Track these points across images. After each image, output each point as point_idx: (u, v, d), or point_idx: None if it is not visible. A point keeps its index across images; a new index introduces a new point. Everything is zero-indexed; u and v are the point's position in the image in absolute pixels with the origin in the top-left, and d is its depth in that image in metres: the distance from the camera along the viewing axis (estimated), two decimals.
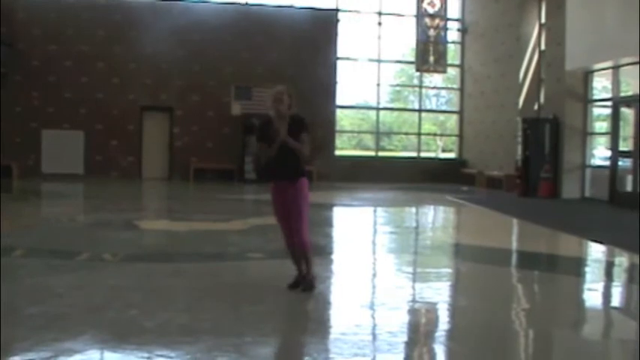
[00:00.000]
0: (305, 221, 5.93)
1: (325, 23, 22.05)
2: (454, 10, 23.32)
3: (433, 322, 5.51)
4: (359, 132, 27.16)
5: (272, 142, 5.82)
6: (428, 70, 23.07)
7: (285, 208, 5.92)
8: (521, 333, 5.32)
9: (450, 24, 23.03)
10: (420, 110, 24.37)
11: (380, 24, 22.83)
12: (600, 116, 17.83)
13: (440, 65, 22.72)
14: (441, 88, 26.15)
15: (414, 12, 22.48)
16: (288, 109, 5.88)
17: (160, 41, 20.45)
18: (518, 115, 18.53)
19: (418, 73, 23.59)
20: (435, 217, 14.53)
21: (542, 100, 18.27)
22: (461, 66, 23.54)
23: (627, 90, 15.81)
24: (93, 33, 20.46)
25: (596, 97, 17.29)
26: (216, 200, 15.69)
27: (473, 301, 6.20)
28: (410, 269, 7.97)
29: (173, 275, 6.79)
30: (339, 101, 22.62)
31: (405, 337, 4.95)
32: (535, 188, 17.10)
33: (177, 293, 6.00)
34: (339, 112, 23.13)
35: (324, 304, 5.94)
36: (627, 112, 15.55)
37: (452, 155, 24.76)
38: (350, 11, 22.63)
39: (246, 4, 21.71)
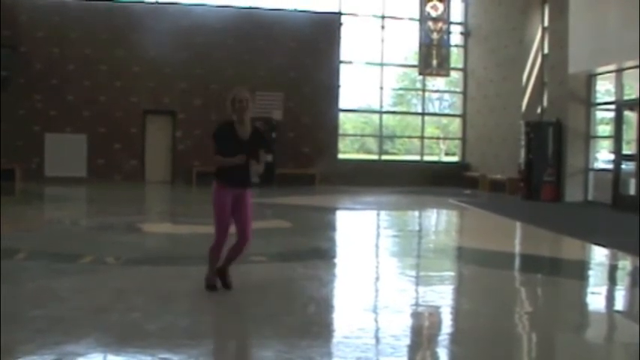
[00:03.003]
0: None
1: (328, 27, 22.07)
2: (457, 13, 23.31)
3: (436, 326, 5.50)
4: (362, 135, 27.13)
5: (233, 148, 5.87)
6: (431, 74, 23.07)
7: (230, 214, 6.00)
8: (524, 336, 5.31)
9: (452, 27, 23.03)
10: (423, 114, 24.37)
11: (383, 27, 22.84)
12: (603, 119, 17.82)
13: (443, 69, 22.72)
14: (443, 92, 26.15)
15: (417, 15, 22.49)
16: (249, 116, 5.99)
17: (162, 44, 20.48)
18: (521, 118, 18.52)
19: (421, 77, 23.57)
20: (438, 221, 14.53)
21: (545, 103, 18.27)
22: (464, 69, 23.53)
23: (630, 93, 15.79)
24: (96, 36, 20.50)
25: (599, 100, 17.27)
26: None
27: (476, 305, 6.19)
28: (413, 273, 7.96)
29: (176, 278, 6.79)
30: (342, 105, 22.61)
31: (408, 341, 4.94)
32: (538, 191, 17.08)
33: (179, 296, 6.00)
34: (342, 116, 23.12)
35: (327, 307, 5.94)
36: (630, 116, 15.53)
37: (455, 158, 24.74)
38: (353, 15, 22.63)
39: (249, 7, 21.73)
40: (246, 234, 6.04)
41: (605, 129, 17.83)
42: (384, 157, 23.97)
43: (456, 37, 23.42)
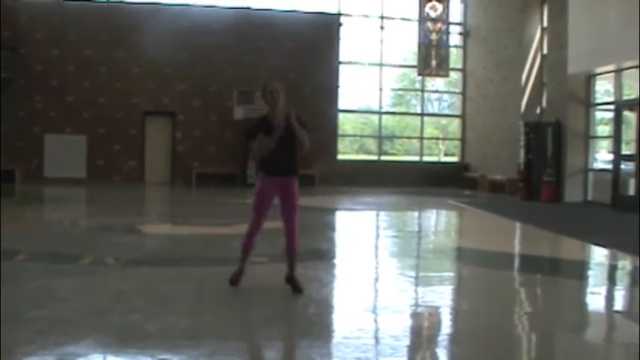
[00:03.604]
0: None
1: (327, 27, 22.09)
2: (456, 14, 23.34)
3: (436, 326, 5.50)
4: (361, 136, 27.16)
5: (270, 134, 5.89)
6: (430, 74, 23.09)
7: (269, 204, 6.01)
8: (524, 337, 5.32)
9: (452, 28, 23.05)
10: (422, 114, 24.39)
11: (382, 28, 22.86)
12: (603, 120, 17.83)
13: (442, 69, 22.74)
14: (443, 92, 26.18)
15: (417, 16, 22.51)
16: (283, 107, 6.04)
17: (162, 45, 20.49)
18: (521, 118, 18.52)
19: (420, 77, 23.59)
20: (438, 221, 14.53)
21: (544, 103, 18.28)
22: (463, 70, 23.55)
23: (630, 93, 15.80)
24: (95, 37, 20.51)
25: (598, 100, 17.28)
26: (218, 204, 15.70)
27: (475, 305, 6.20)
28: (412, 273, 7.96)
29: (176, 279, 6.79)
30: (341, 105, 22.64)
31: (407, 341, 4.95)
32: (537, 192, 17.09)
33: (180, 297, 6.00)
34: (341, 116, 23.15)
35: (327, 307, 5.94)
36: (630, 116, 15.54)
37: (454, 159, 24.76)
38: (352, 15, 22.65)
39: (249, 8, 21.74)
40: (292, 231, 6.04)
41: (604, 129, 17.84)
42: (384, 158, 23.99)
43: (455, 38, 23.45)
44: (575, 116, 16.96)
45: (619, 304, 6.80)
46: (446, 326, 5.58)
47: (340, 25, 22.33)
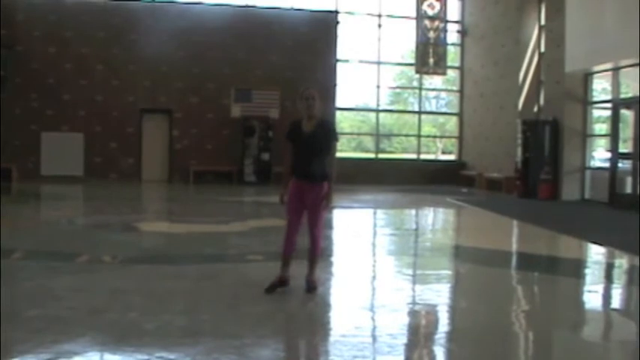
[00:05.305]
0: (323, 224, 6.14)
1: (325, 25, 22.06)
2: (454, 12, 23.34)
3: (433, 324, 5.50)
4: (359, 134, 27.15)
5: (296, 141, 5.97)
6: (427, 72, 23.09)
7: (301, 207, 6.01)
8: (521, 335, 5.31)
9: (449, 26, 23.06)
10: (419, 112, 24.38)
11: (380, 26, 22.85)
12: (600, 118, 17.84)
13: (439, 67, 22.73)
14: (440, 90, 26.18)
15: (414, 14, 22.50)
16: (318, 112, 6.01)
17: (159, 43, 20.47)
18: (518, 117, 18.53)
19: (418, 75, 23.61)
20: (435, 219, 14.52)
21: (541, 102, 18.28)
22: (460, 68, 23.55)
23: (627, 92, 15.82)
24: (92, 35, 20.46)
25: (595, 98, 17.29)
26: (215, 202, 15.68)
27: (473, 303, 6.19)
28: (410, 271, 7.96)
29: (173, 277, 6.78)
30: (338, 103, 22.61)
31: (405, 339, 4.94)
32: (535, 190, 17.11)
33: (176, 295, 5.99)
34: (338, 114, 23.12)
35: (324, 305, 5.94)
36: (627, 114, 15.56)
37: (452, 157, 24.76)
38: (350, 13, 22.64)
39: (246, 6, 21.71)
40: (313, 236, 6.05)
41: (601, 127, 17.85)
42: (381, 156, 23.99)
43: (452, 36, 23.45)
44: (573, 114, 16.97)
45: (616, 302, 6.80)
46: (443, 324, 5.58)
47: (338, 23, 22.29)
